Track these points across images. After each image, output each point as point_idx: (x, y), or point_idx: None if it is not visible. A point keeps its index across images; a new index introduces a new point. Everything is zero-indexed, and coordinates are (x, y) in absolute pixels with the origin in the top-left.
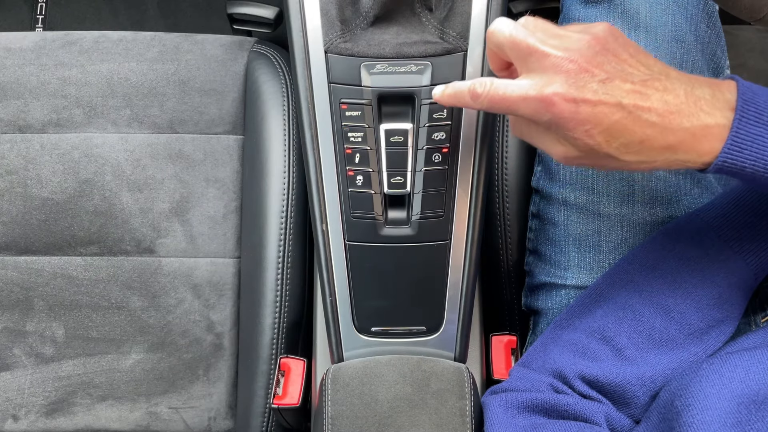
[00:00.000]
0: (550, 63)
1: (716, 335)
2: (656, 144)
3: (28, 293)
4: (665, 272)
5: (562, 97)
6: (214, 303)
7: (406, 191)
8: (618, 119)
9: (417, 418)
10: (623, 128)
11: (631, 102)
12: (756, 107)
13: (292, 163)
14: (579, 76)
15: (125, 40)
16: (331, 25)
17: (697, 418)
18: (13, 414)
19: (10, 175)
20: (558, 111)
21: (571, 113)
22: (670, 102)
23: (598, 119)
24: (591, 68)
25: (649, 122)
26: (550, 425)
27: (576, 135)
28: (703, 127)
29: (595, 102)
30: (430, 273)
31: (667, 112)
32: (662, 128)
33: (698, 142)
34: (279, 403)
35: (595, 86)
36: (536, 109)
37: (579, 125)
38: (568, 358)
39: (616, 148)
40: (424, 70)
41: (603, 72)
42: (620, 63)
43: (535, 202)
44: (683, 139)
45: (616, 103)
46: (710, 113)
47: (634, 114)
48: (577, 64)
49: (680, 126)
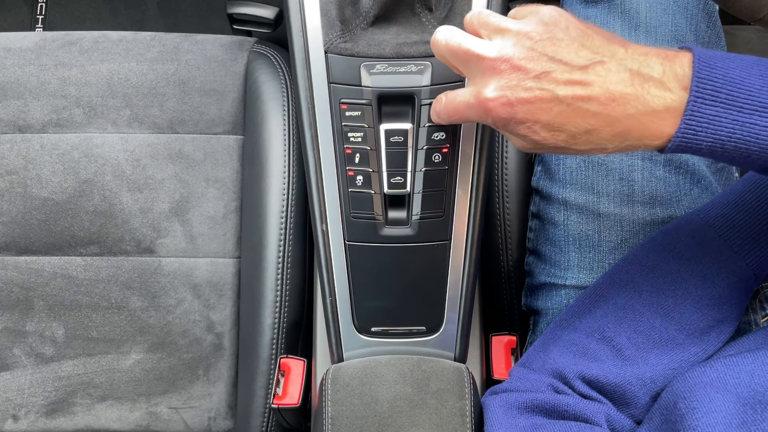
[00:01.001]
0: (485, 66)
1: (716, 335)
2: (603, 133)
3: (28, 293)
4: (665, 272)
5: (498, 102)
6: (214, 303)
7: (406, 191)
8: (557, 113)
9: (417, 418)
10: (565, 121)
11: (569, 93)
12: (713, 84)
13: (292, 163)
14: (512, 75)
15: (125, 40)
16: (331, 25)
17: (702, 420)
18: (13, 414)
19: (10, 175)
20: (496, 115)
21: (509, 114)
22: (612, 89)
23: (537, 116)
24: (524, 65)
25: (591, 112)
26: (550, 425)
27: (520, 132)
28: (650, 112)
29: (530, 99)
30: (430, 273)
31: (609, 100)
32: (606, 117)
33: (647, 127)
34: (279, 403)
35: (529, 83)
36: (479, 115)
37: (519, 124)
38: (568, 358)
39: (564, 140)
40: (424, 70)
41: (537, 66)
42: (558, 51)
43: (535, 202)
44: (630, 126)
45: (552, 97)
46: (659, 96)
47: (573, 105)
48: (509, 63)
49: (625, 113)
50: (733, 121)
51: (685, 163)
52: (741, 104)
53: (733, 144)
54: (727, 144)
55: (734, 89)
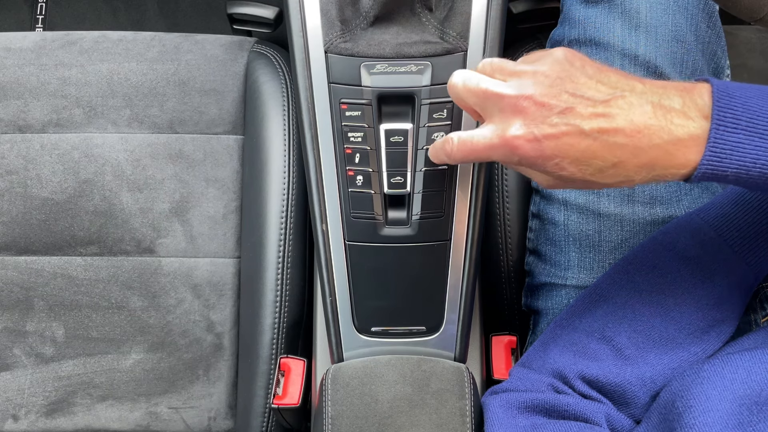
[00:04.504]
0: (506, 104)
1: (716, 335)
2: (630, 165)
3: (28, 293)
4: (665, 272)
5: (524, 139)
6: (214, 303)
7: (406, 191)
8: (585, 147)
9: (417, 418)
10: (592, 155)
11: (595, 127)
12: (733, 113)
13: (292, 163)
14: (537, 113)
15: (125, 40)
16: (331, 25)
17: (699, 419)
18: (13, 414)
19: (10, 175)
20: (523, 153)
21: (536, 151)
22: (636, 120)
23: (564, 151)
24: (547, 101)
25: (618, 144)
26: (550, 425)
27: (548, 169)
28: (675, 141)
29: (557, 135)
30: (430, 273)
31: (635, 132)
32: (633, 149)
33: (673, 156)
34: (279, 403)
35: (554, 119)
36: (504, 154)
37: (547, 161)
38: (568, 358)
39: (591, 174)
40: (424, 70)
41: (560, 102)
42: (579, 88)
43: (536, 202)
44: (657, 156)
45: (578, 131)
46: (682, 125)
47: (600, 139)
48: (532, 100)
49: (651, 144)
50: (756, 147)
51: None
52: (761, 131)
53: (758, 170)
54: (752, 170)
55: (754, 117)
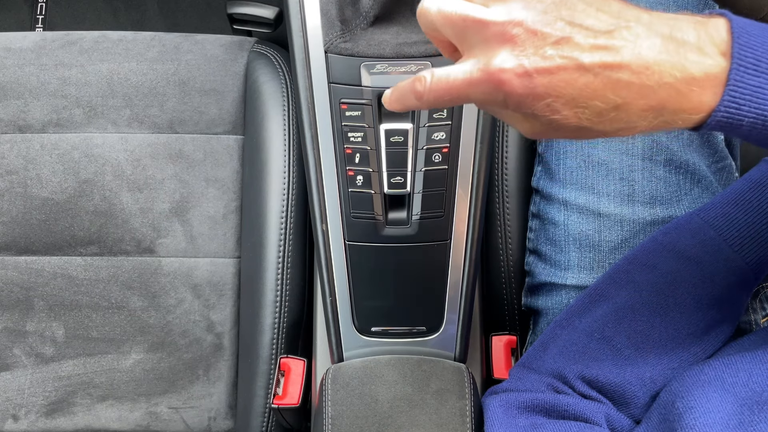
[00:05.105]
0: (491, 33)
1: (716, 335)
2: (635, 107)
3: (28, 293)
4: (665, 272)
5: (513, 72)
6: (214, 303)
7: (406, 191)
8: (583, 85)
9: (417, 418)
10: (592, 94)
11: (597, 61)
12: (753, 53)
13: (292, 163)
14: (528, 42)
15: (125, 40)
16: (331, 25)
17: (700, 420)
18: (13, 414)
19: (10, 175)
20: (510, 89)
21: (526, 88)
22: (645, 54)
23: (559, 89)
24: (540, 29)
25: (623, 82)
26: (550, 425)
27: (537, 111)
28: (689, 80)
29: (551, 69)
30: (430, 273)
31: (643, 68)
32: (639, 87)
33: (685, 98)
34: (279, 403)
35: (549, 50)
36: (487, 92)
37: (538, 100)
38: (568, 358)
39: (588, 118)
40: (424, 70)
41: (556, 31)
42: (577, 15)
43: (535, 202)
44: (667, 96)
45: (576, 66)
46: (697, 61)
47: (601, 75)
48: (523, 27)
49: (661, 82)
50: None
51: (685, 163)
52: None
53: None
54: None
55: None
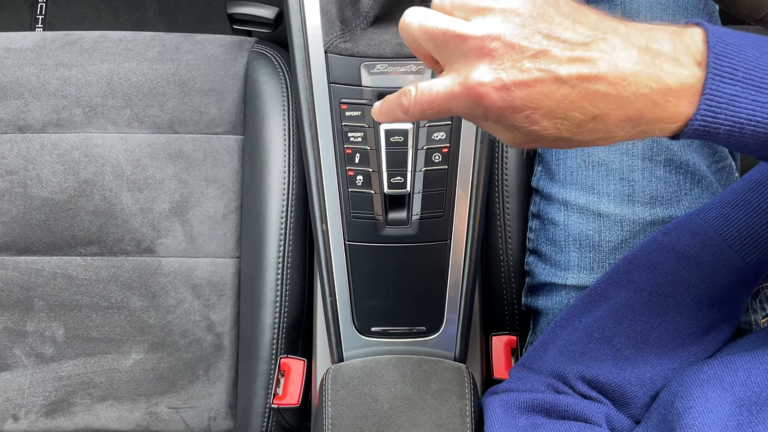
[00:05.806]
0: (470, 47)
1: (716, 335)
2: (612, 118)
3: (28, 293)
4: (665, 272)
5: (491, 86)
6: (214, 303)
7: (406, 191)
8: (561, 97)
9: (417, 418)
10: (569, 106)
11: (573, 73)
12: (729, 62)
13: (292, 163)
14: (506, 56)
15: (125, 40)
16: (331, 25)
17: (699, 420)
18: (13, 414)
19: (10, 175)
20: (489, 102)
21: (505, 101)
22: (621, 66)
23: (537, 101)
24: (518, 42)
25: (600, 93)
26: (550, 425)
27: (517, 123)
28: (665, 90)
29: (529, 82)
30: (430, 273)
31: (620, 79)
32: (616, 98)
33: (662, 108)
34: (279, 403)
35: (526, 63)
36: (467, 105)
37: (517, 112)
38: (568, 358)
39: (567, 129)
40: (424, 70)
41: (533, 44)
42: (554, 28)
43: (536, 202)
44: (643, 107)
45: (553, 78)
46: (673, 72)
47: (578, 87)
48: (500, 41)
49: (637, 93)
50: (752, 101)
51: (685, 163)
52: (759, 84)
53: (752, 128)
54: (745, 128)
55: (750, 68)
